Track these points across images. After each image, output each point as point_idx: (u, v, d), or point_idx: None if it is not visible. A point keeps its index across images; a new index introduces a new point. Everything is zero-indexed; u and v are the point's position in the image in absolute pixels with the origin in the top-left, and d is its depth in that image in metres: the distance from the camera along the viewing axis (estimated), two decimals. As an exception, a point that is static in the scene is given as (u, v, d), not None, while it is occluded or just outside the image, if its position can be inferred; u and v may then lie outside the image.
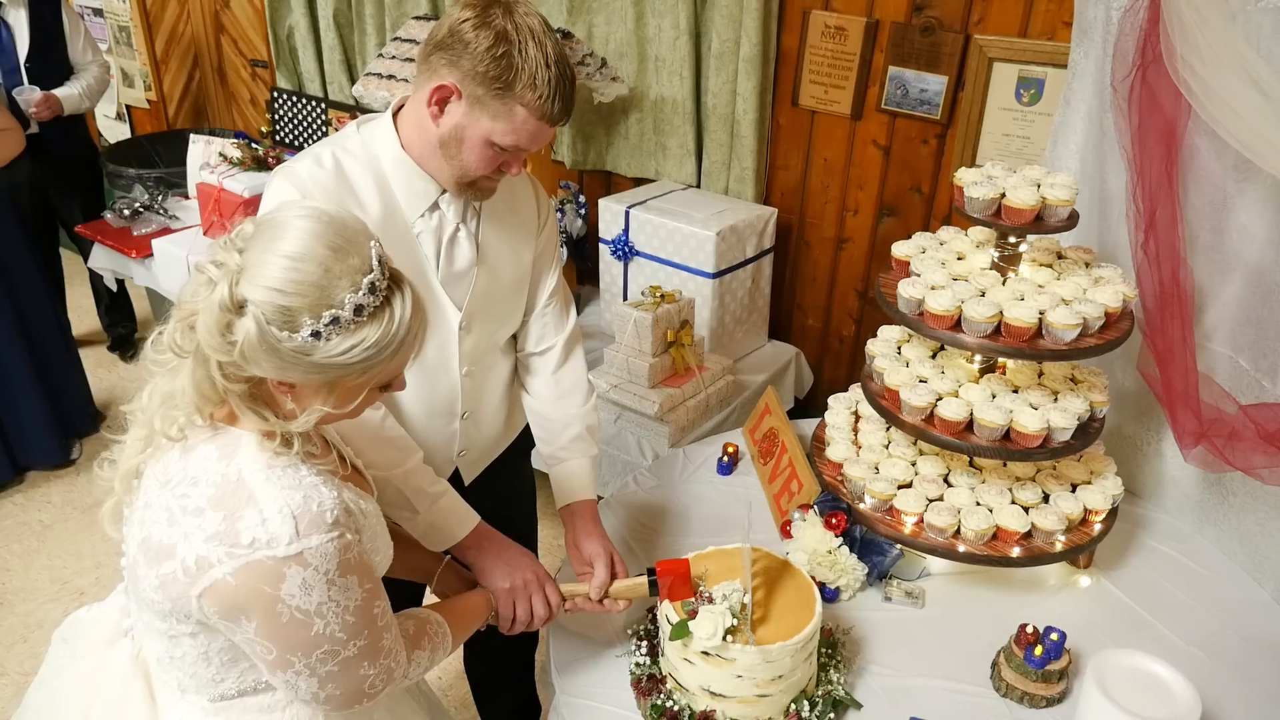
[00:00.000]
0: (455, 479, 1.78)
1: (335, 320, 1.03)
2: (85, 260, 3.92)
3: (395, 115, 1.52)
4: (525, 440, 1.93)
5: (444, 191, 1.52)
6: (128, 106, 5.07)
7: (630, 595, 1.61)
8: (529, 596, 1.56)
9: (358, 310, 1.04)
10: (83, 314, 4.51)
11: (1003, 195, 1.71)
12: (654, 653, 1.61)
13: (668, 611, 1.50)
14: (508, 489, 1.93)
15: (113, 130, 5.18)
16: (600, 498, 2.07)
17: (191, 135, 3.86)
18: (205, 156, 3.66)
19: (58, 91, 3.74)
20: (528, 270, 1.71)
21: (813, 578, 1.64)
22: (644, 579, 1.57)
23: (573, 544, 1.69)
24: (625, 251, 2.96)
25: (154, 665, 1.26)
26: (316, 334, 1.03)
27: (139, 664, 1.28)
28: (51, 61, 3.76)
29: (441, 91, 1.40)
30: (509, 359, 1.79)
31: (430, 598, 1.65)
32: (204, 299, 1.04)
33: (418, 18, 3.41)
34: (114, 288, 4.10)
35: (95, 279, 4.12)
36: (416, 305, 1.11)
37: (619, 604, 1.62)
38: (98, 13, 4.87)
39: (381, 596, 1.19)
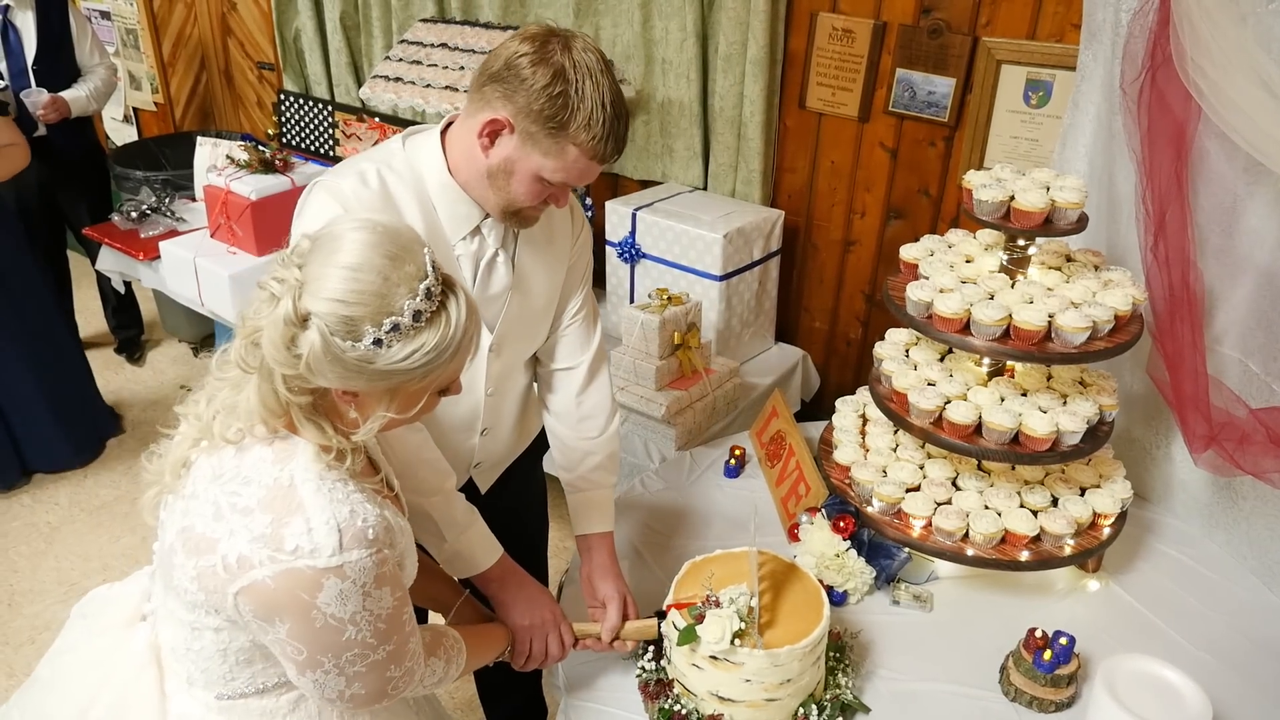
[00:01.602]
0: (471, 488, 1.77)
1: (396, 327, 1.05)
2: (93, 263, 3.93)
3: (443, 134, 1.50)
4: (539, 443, 1.93)
5: (486, 216, 1.51)
6: (135, 109, 5.07)
7: (640, 637, 1.62)
8: (545, 635, 1.56)
9: (416, 316, 1.07)
10: (90, 316, 4.53)
11: (1012, 198, 1.70)
12: (661, 656, 1.61)
13: (674, 617, 1.50)
14: (520, 490, 1.93)
15: (120, 133, 5.19)
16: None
17: (198, 138, 3.86)
18: (212, 159, 3.66)
19: (65, 94, 3.74)
20: (559, 291, 1.69)
21: (820, 581, 1.64)
22: (654, 622, 1.59)
23: (587, 578, 1.69)
24: (632, 254, 2.96)
25: (166, 653, 1.27)
26: (379, 341, 1.05)
27: (153, 650, 1.30)
28: (59, 64, 3.77)
29: (494, 125, 1.38)
30: (528, 374, 1.77)
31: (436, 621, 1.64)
32: (268, 315, 1.06)
33: (424, 20, 3.41)
34: (122, 290, 4.10)
35: (103, 281, 4.13)
36: (470, 307, 1.14)
37: (628, 645, 1.62)
38: (105, 15, 4.88)
39: (409, 604, 1.22)
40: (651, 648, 1.62)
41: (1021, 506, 1.80)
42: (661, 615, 1.57)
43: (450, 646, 1.37)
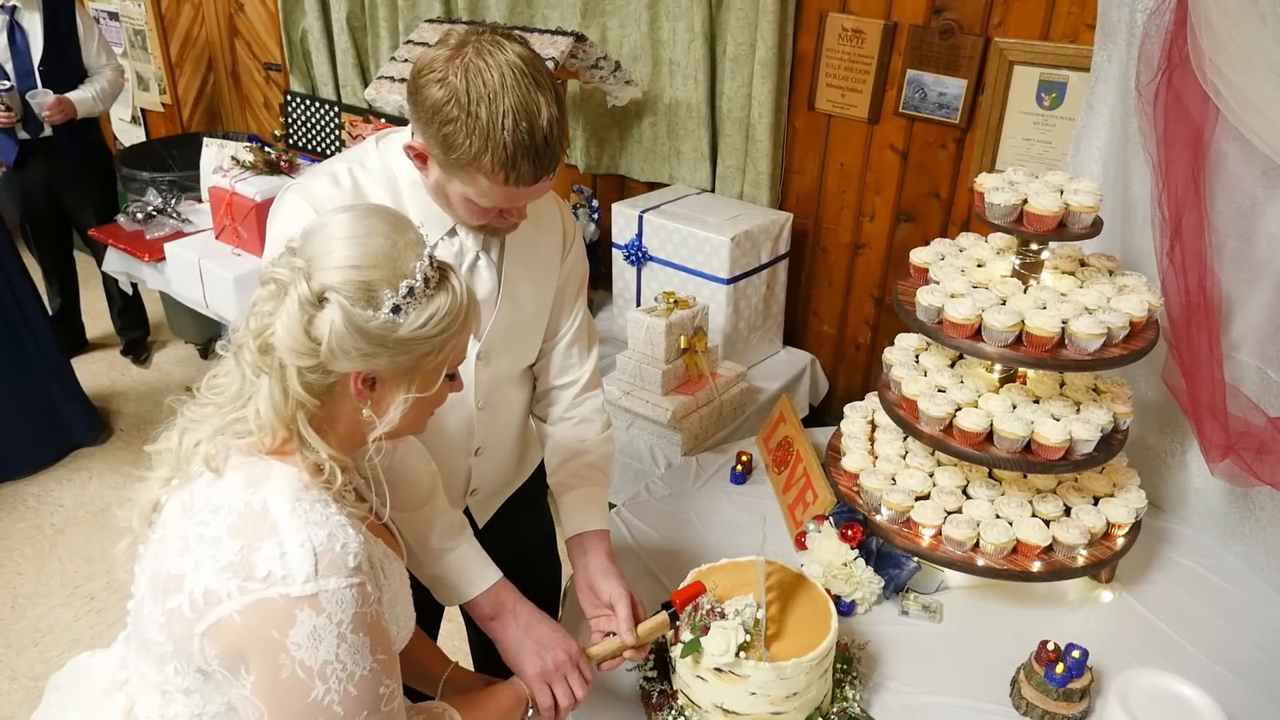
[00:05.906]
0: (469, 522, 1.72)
1: (410, 291, 1.04)
2: (99, 264, 3.93)
3: None
4: (540, 480, 1.85)
5: None
6: (142, 110, 5.08)
7: (655, 635, 1.52)
8: (563, 678, 1.39)
9: (427, 281, 1.06)
10: (96, 317, 4.53)
11: (1024, 201, 1.67)
12: (662, 667, 1.58)
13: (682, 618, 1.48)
14: (523, 520, 1.85)
15: (128, 133, 5.20)
16: (611, 505, 2.04)
17: (205, 139, 3.86)
18: (218, 160, 3.65)
19: (71, 95, 3.74)
20: (549, 302, 1.62)
21: (828, 591, 1.61)
22: (664, 616, 1.49)
23: (586, 585, 1.56)
24: (638, 256, 2.94)
25: None
26: (397, 309, 1.04)
27: None
28: (66, 65, 3.77)
29: (415, 151, 1.33)
30: (524, 392, 1.70)
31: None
32: (277, 305, 1.03)
33: (430, 20, 3.39)
34: (129, 291, 4.11)
35: (109, 282, 4.13)
36: (463, 280, 1.13)
37: (644, 649, 1.51)
38: (113, 16, 4.89)
39: (392, 677, 1.09)
40: (653, 657, 1.59)
41: (1033, 516, 1.77)
42: (667, 606, 1.48)
43: None
